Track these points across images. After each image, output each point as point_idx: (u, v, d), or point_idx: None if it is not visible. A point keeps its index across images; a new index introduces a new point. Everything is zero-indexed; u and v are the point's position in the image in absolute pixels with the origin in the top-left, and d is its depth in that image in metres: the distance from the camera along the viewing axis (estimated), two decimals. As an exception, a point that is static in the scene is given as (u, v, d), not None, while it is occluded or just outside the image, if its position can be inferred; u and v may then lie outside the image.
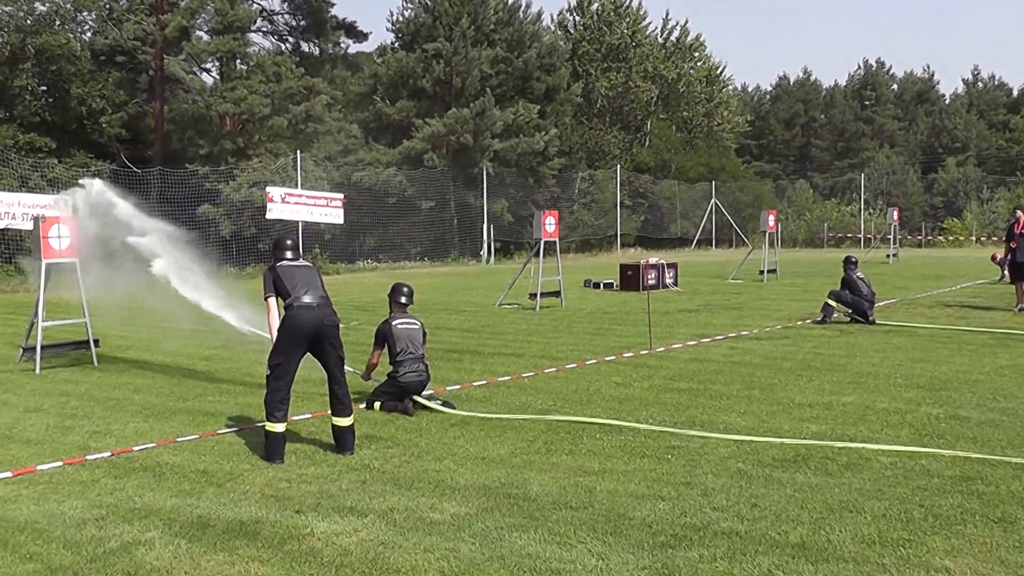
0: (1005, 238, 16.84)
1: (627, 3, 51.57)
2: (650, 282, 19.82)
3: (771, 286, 21.20)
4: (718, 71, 56.48)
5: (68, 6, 32.35)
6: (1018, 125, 61.50)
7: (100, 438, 7.22)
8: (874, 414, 7.57)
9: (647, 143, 50.47)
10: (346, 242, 32.95)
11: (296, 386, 6.88)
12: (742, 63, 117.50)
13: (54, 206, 14.66)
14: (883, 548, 4.57)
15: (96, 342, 11.16)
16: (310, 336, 6.57)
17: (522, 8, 40.76)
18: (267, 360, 6.64)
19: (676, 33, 54.52)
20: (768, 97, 69.95)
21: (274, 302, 6.90)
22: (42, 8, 31.07)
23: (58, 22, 31.83)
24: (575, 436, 6.98)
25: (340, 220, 25.67)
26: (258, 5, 36.34)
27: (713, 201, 45.64)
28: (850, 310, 13.82)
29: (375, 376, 8.57)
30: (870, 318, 13.63)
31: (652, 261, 20.99)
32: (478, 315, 16.05)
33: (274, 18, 37.63)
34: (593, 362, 10.58)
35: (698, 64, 54.91)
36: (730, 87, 59.93)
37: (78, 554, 4.68)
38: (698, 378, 9.41)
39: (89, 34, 35.17)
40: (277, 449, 6.44)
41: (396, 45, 40.04)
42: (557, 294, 17.36)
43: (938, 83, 70.23)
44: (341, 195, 26.16)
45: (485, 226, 35.68)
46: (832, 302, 13.92)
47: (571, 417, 7.62)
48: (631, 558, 4.48)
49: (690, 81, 53.18)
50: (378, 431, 7.28)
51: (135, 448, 6.85)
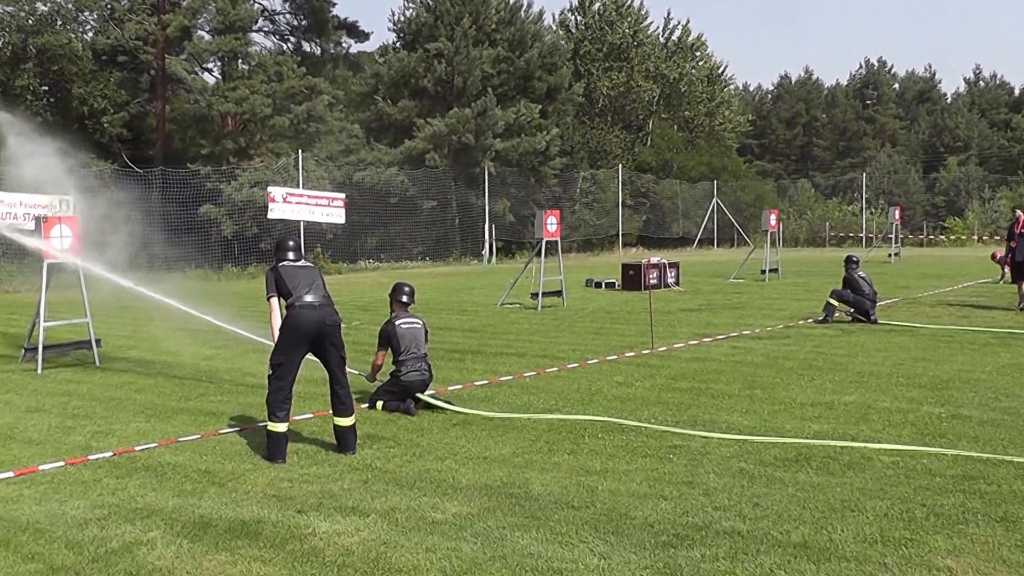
0: (1006, 237, 16.82)
1: (628, 3, 51.58)
2: (652, 282, 19.84)
3: (773, 285, 21.18)
4: (719, 71, 56.52)
5: (69, 6, 32.35)
6: (1020, 124, 61.46)
7: (102, 438, 7.22)
8: (876, 413, 7.57)
9: (649, 143, 50.47)
10: (348, 242, 32.96)
11: (298, 386, 6.89)
12: (743, 62, 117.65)
13: (56, 206, 14.65)
14: (885, 547, 4.56)
15: (98, 342, 11.18)
16: (312, 336, 6.57)
17: (523, 8, 40.77)
18: (269, 360, 6.65)
19: (678, 33, 54.57)
20: (770, 96, 69.95)
21: (276, 302, 6.90)
22: (43, 8, 31.12)
23: (60, 22, 31.86)
24: (577, 436, 6.98)
25: (342, 220, 25.65)
26: (259, 5, 36.36)
27: (715, 200, 45.61)
28: (852, 309, 13.82)
29: (379, 376, 8.57)
30: (872, 317, 13.62)
31: (654, 261, 21.00)
32: (480, 315, 16.05)
33: (275, 18, 37.65)
34: (595, 362, 10.58)
35: (699, 64, 54.92)
36: (731, 87, 59.96)
37: (80, 554, 4.68)
38: (700, 377, 9.41)
39: (91, 34, 35.19)
40: (279, 449, 6.44)
41: (397, 45, 40.06)
42: (559, 294, 17.36)
43: (940, 82, 70.41)
44: (343, 195, 26.12)
45: (487, 226, 35.67)
46: (834, 301, 13.91)
47: (573, 416, 7.62)
48: (633, 557, 4.48)
49: (692, 81, 53.18)
50: (380, 431, 7.28)
51: (137, 448, 6.85)
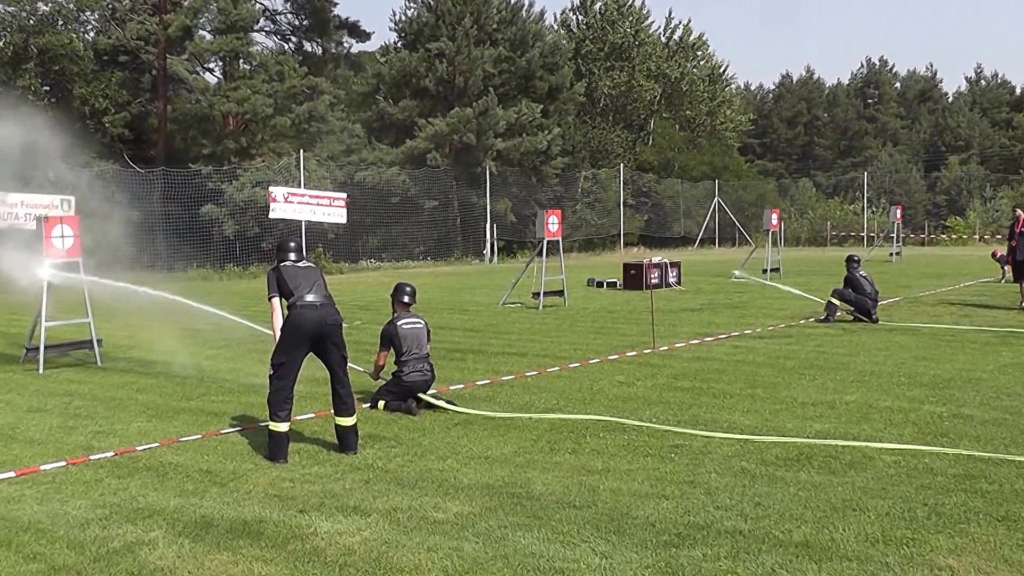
0: (1007, 236, 16.81)
1: (630, 2, 51.59)
2: (653, 281, 19.83)
3: (774, 285, 21.13)
4: (721, 70, 56.52)
5: (71, 6, 32.35)
6: (1021, 123, 61.41)
7: (103, 438, 7.22)
8: (877, 413, 7.56)
9: (650, 142, 50.47)
10: (349, 241, 32.97)
11: (299, 386, 6.89)
12: (745, 62, 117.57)
13: (57, 206, 14.68)
14: (887, 547, 4.56)
15: (99, 342, 11.18)
16: (313, 335, 6.57)
17: (525, 7, 40.78)
18: (270, 360, 6.65)
19: (679, 32, 54.61)
20: (771, 96, 69.90)
21: (277, 302, 6.90)
22: (45, 8, 31.12)
23: (61, 22, 31.87)
24: (578, 435, 6.98)
25: (343, 220, 25.64)
26: (261, 5, 36.33)
27: (716, 200, 45.59)
28: (853, 308, 13.80)
29: (382, 375, 8.57)
30: (873, 317, 13.61)
31: (655, 260, 20.99)
32: (481, 314, 16.05)
33: (277, 18, 37.64)
34: (596, 361, 10.57)
35: (701, 63, 54.94)
36: (733, 86, 59.99)
37: (82, 554, 4.68)
38: (701, 377, 9.40)
39: (92, 34, 35.19)
40: (281, 449, 6.44)
41: (399, 44, 40.08)
42: (560, 293, 17.36)
43: (941, 81, 70.38)
44: (344, 195, 26.12)
45: (488, 225, 35.68)
46: (836, 301, 13.90)
47: (574, 415, 7.62)
48: (634, 557, 4.48)
49: (693, 80, 53.19)
50: (381, 430, 7.28)
51: (138, 448, 6.86)
